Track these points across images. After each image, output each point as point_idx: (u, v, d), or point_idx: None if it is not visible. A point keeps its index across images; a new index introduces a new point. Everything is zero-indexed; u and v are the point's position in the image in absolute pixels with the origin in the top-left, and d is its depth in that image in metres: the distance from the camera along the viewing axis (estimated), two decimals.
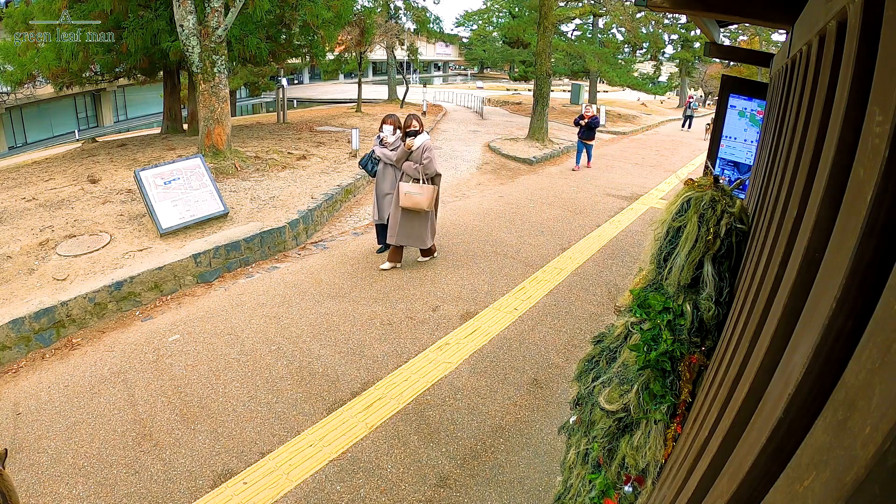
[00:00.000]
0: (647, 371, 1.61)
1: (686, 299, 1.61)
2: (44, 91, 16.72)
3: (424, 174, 5.14)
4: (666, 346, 1.55)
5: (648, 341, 1.58)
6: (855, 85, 0.71)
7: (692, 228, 1.65)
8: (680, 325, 1.58)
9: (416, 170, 5.13)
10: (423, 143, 5.14)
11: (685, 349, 1.57)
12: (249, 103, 30.10)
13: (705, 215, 1.64)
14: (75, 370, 3.86)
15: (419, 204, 5.07)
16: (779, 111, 1.88)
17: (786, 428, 0.63)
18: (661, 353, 1.56)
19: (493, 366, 3.99)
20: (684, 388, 1.56)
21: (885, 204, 0.52)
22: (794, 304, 0.79)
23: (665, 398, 1.57)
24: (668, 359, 1.57)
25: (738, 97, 3.80)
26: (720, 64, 26.94)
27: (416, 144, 5.11)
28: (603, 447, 1.79)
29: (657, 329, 1.59)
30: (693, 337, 1.58)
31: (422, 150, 5.12)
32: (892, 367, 0.40)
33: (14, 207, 6.25)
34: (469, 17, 31.41)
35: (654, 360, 1.56)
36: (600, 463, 1.83)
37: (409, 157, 5.18)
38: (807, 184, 0.93)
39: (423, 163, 5.10)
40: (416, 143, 5.12)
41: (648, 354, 1.57)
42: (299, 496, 2.79)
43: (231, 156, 8.21)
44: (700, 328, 1.60)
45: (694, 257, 1.64)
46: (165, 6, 9.28)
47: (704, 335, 1.60)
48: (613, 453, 1.78)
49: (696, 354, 1.58)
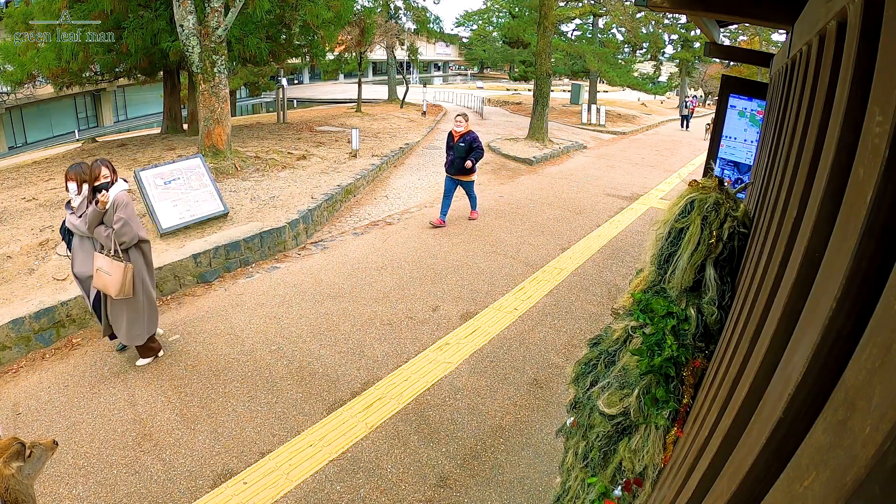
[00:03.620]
0: (649, 376, 1.60)
1: (690, 304, 1.59)
2: (44, 91, 16.72)
3: (118, 243, 3.60)
4: (671, 351, 1.53)
5: (652, 346, 1.57)
6: (855, 85, 0.71)
7: (695, 230, 1.63)
8: (685, 331, 1.57)
9: (109, 237, 3.60)
10: (116, 198, 3.58)
11: (690, 354, 1.55)
12: (249, 103, 30.10)
13: (708, 218, 1.62)
14: (75, 370, 3.86)
15: (107, 287, 3.59)
16: (779, 111, 1.88)
17: (786, 428, 0.63)
18: (666, 359, 1.54)
19: (493, 366, 3.99)
20: (687, 392, 1.56)
21: (885, 204, 0.52)
22: (794, 304, 0.79)
23: (668, 403, 1.56)
24: (673, 364, 1.55)
25: (738, 97, 3.80)
26: (720, 64, 26.96)
27: (109, 200, 3.55)
28: (600, 450, 1.78)
29: (661, 334, 1.57)
30: (697, 342, 1.57)
31: (114, 207, 3.57)
32: (892, 367, 0.39)
33: (14, 207, 6.25)
34: (469, 17, 31.44)
35: (659, 366, 1.55)
36: (597, 471, 1.82)
37: (103, 219, 3.63)
38: (807, 184, 0.93)
39: (113, 227, 3.58)
40: (109, 197, 3.55)
41: (652, 359, 1.55)
42: (299, 496, 2.79)
43: (231, 156, 8.21)
44: (705, 333, 1.58)
45: (696, 260, 1.63)
46: (165, 6, 9.28)
47: (709, 340, 1.59)
48: (609, 457, 1.76)
49: (699, 359, 1.57)
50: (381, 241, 6.48)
